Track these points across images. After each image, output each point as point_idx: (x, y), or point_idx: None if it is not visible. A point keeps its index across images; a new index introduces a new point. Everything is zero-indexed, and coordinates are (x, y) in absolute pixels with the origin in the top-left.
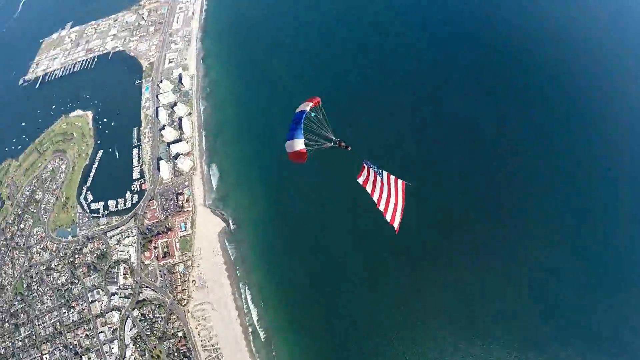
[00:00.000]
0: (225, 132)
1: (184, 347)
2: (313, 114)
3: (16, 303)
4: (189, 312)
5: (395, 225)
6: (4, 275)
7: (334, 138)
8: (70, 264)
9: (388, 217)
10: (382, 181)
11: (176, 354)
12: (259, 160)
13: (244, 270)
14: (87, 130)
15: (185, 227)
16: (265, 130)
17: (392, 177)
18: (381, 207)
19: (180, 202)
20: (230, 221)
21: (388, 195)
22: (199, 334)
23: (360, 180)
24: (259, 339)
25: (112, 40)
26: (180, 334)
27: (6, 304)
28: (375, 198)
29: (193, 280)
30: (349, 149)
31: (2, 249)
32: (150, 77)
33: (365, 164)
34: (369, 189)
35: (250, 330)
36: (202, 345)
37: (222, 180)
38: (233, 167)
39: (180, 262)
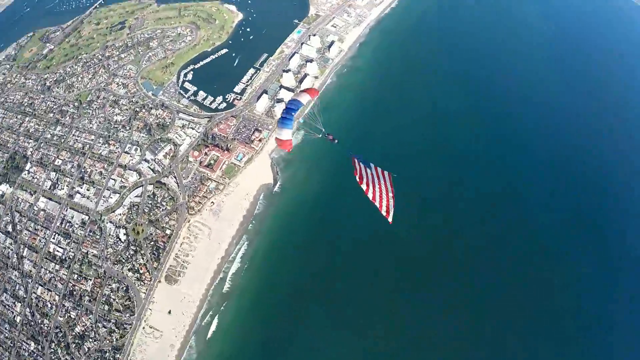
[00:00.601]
0: (333, 113)
1: (162, 243)
2: (302, 121)
3: (71, 106)
4: (189, 222)
5: (390, 217)
6: (80, 79)
7: (323, 130)
8: (134, 112)
9: (383, 211)
10: (372, 174)
11: (152, 242)
12: (339, 156)
13: (255, 228)
14: (228, 26)
15: (241, 159)
16: (366, 134)
17: (379, 170)
18: (376, 203)
19: (253, 137)
20: (278, 183)
21: (380, 188)
22: (180, 245)
23: (357, 177)
24: (220, 288)
25: None
26: (168, 231)
27: (64, 100)
28: (370, 195)
29: (212, 202)
30: (336, 141)
31: (95, 60)
32: (309, 25)
33: (354, 158)
34: (364, 186)
35: (220, 276)
36: (176, 254)
37: (299, 147)
38: (315, 145)
39: (215, 181)
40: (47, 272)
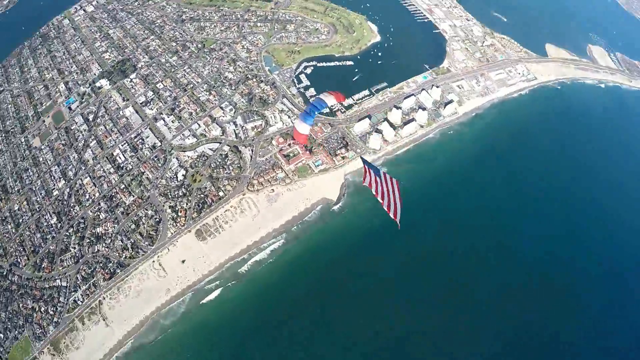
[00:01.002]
0: (423, 160)
1: (210, 201)
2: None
3: (194, 45)
4: (243, 195)
5: (397, 219)
6: (212, 27)
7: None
8: (245, 77)
9: (392, 214)
10: (381, 181)
11: (202, 195)
12: (414, 206)
13: (298, 232)
14: (363, 42)
15: (318, 165)
16: (439, 190)
17: (388, 177)
18: (385, 207)
19: (338, 152)
20: (340, 203)
21: (388, 194)
22: (225, 211)
23: (366, 183)
24: (238, 267)
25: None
26: (221, 193)
27: (191, 37)
28: (379, 198)
29: (272, 189)
30: (348, 144)
31: (233, 17)
32: (436, 76)
33: (363, 163)
34: (373, 190)
35: (244, 256)
36: (217, 216)
37: None
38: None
39: (285, 173)
40: (102, 169)
